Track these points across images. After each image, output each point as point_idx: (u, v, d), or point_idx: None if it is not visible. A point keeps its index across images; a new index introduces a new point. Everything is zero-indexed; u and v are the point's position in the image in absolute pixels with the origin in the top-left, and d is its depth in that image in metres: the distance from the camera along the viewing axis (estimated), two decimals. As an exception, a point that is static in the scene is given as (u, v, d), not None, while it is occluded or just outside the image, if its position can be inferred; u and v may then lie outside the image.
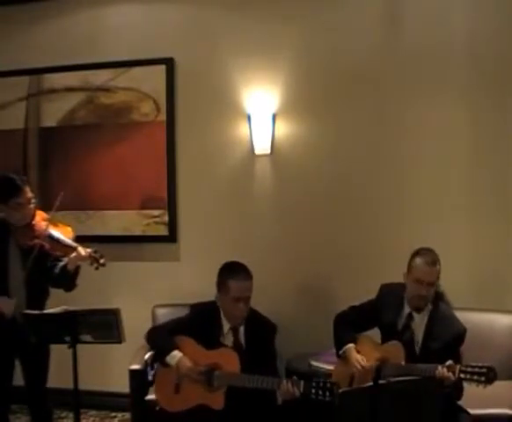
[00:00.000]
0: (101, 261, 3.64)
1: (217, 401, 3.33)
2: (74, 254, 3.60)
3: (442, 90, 4.39)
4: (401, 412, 2.89)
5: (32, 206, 3.62)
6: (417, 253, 3.40)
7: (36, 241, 3.55)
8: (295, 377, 3.22)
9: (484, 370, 3.01)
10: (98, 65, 4.95)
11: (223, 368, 3.37)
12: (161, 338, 3.50)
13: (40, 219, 3.65)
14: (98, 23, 4.97)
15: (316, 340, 4.21)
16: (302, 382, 3.18)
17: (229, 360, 3.37)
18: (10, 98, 5.15)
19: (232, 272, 3.51)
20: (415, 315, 3.38)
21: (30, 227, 3.60)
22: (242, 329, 3.52)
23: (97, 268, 3.64)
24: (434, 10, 4.38)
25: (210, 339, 3.46)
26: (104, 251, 3.77)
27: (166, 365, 3.43)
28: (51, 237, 3.60)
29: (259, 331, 3.52)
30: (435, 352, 3.22)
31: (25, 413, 4.26)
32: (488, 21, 4.29)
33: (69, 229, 3.73)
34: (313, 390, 3.10)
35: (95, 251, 3.65)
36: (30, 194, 3.61)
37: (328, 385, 3.08)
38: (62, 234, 3.65)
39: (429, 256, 3.36)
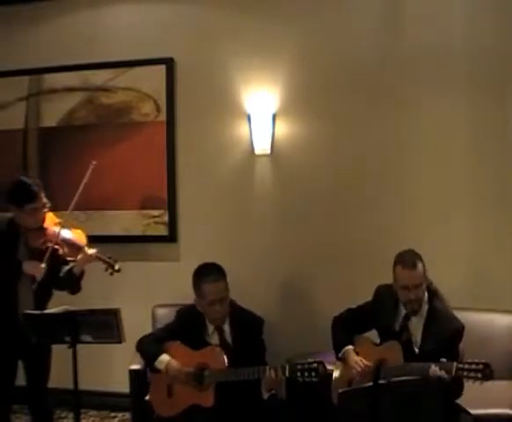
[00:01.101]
0: (116, 267, 3.67)
1: (207, 399, 3.36)
2: (81, 256, 3.61)
3: (443, 90, 4.39)
4: (401, 412, 2.89)
5: (46, 210, 3.63)
6: (396, 261, 3.39)
7: (49, 244, 3.56)
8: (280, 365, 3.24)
9: (480, 367, 3.01)
10: (98, 65, 4.95)
11: (210, 366, 3.39)
12: (149, 346, 3.55)
13: (51, 222, 3.65)
14: (98, 23, 4.97)
15: (316, 340, 4.21)
16: (287, 366, 3.20)
17: (215, 358, 3.41)
18: (10, 98, 5.15)
19: (203, 275, 3.54)
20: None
21: (42, 230, 3.60)
22: (227, 327, 3.54)
23: (111, 274, 3.67)
24: (434, 11, 4.38)
25: (197, 340, 3.50)
26: (104, 251, 3.77)
27: (156, 370, 3.45)
28: (64, 241, 3.60)
29: (246, 327, 3.54)
30: (434, 350, 3.22)
31: (25, 413, 4.25)
32: (488, 21, 4.29)
33: (80, 231, 3.74)
34: (299, 373, 3.12)
35: (109, 257, 3.68)
36: (45, 199, 3.62)
37: (314, 365, 3.09)
38: (75, 237, 3.66)
39: (408, 259, 3.35)
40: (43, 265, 3.52)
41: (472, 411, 3.35)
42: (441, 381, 3.04)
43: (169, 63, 4.84)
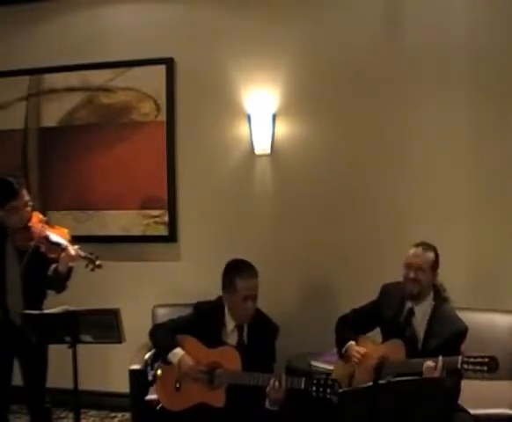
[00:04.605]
0: (97, 263, 3.63)
1: (218, 399, 3.34)
2: (63, 254, 3.60)
3: (443, 91, 4.39)
4: (401, 412, 2.89)
5: (28, 208, 3.62)
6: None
7: (32, 243, 3.56)
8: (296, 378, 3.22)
9: (486, 360, 3.04)
10: (98, 65, 4.95)
11: (224, 367, 3.38)
12: (164, 336, 3.52)
13: (37, 221, 3.65)
14: (98, 23, 4.97)
15: (316, 340, 4.22)
16: (303, 379, 3.19)
17: (230, 359, 3.38)
18: (10, 98, 5.15)
19: (239, 270, 3.50)
20: (416, 310, 3.39)
21: (27, 229, 3.60)
22: (246, 327, 3.52)
23: (92, 270, 3.64)
24: (434, 11, 4.38)
25: (213, 338, 3.47)
26: (104, 251, 3.78)
27: (168, 362, 3.44)
28: (47, 239, 3.60)
29: (262, 331, 3.53)
30: (435, 349, 3.23)
31: (24, 413, 4.25)
32: (488, 20, 4.29)
33: (66, 230, 3.73)
34: (314, 388, 3.12)
35: (91, 253, 3.65)
36: (27, 197, 3.62)
37: (329, 382, 3.09)
38: (58, 235, 3.65)
39: (420, 243, 3.43)
40: None
41: (472, 411, 3.35)
42: (440, 382, 3.05)
43: (169, 63, 4.84)
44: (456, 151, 4.38)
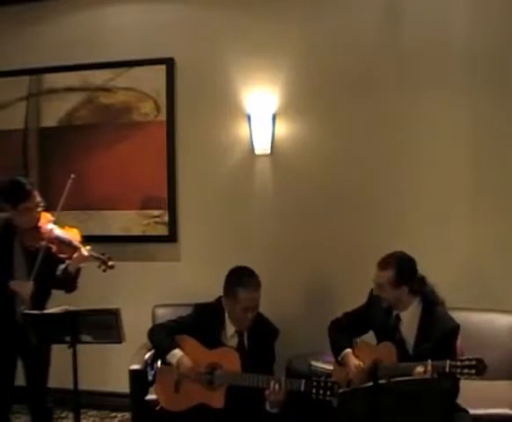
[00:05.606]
0: (109, 263, 3.67)
1: (217, 400, 3.35)
2: (76, 254, 3.61)
3: (443, 91, 4.39)
4: (401, 412, 2.89)
5: (40, 209, 3.63)
6: None
7: (43, 243, 3.56)
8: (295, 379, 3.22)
9: (473, 362, 3.03)
10: (98, 65, 4.95)
11: (223, 368, 3.38)
12: (162, 337, 3.52)
13: (46, 221, 3.65)
14: (98, 23, 4.97)
15: (316, 340, 4.21)
16: (302, 382, 3.19)
17: (229, 360, 3.39)
18: (10, 98, 5.15)
19: (242, 280, 3.48)
20: (402, 316, 3.38)
21: (36, 229, 3.61)
22: (246, 331, 3.53)
23: (104, 270, 3.68)
24: (434, 11, 4.38)
25: (212, 339, 3.47)
26: (104, 251, 3.78)
27: (167, 363, 3.44)
28: (58, 239, 3.61)
29: (262, 334, 3.54)
30: (429, 352, 3.20)
31: (25, 413, 4.25)
32: (488, 20, 4.29)
33: (75, 230, 3.75)
34: (314, 390, 3.11)
35: (103, 254, 3.69)
36: (38, 198, 3.63)
37: (329, 384, 3.09)
38: (69, 236, 3.66)
39: (380, 261, 3.39)
40: (31, 283, 3.53)
41: (472, 411, 3.35)
42: (440, 382, 3.05)
43: (169, 63, 4.84)
44: (455, 151, 4.38)
